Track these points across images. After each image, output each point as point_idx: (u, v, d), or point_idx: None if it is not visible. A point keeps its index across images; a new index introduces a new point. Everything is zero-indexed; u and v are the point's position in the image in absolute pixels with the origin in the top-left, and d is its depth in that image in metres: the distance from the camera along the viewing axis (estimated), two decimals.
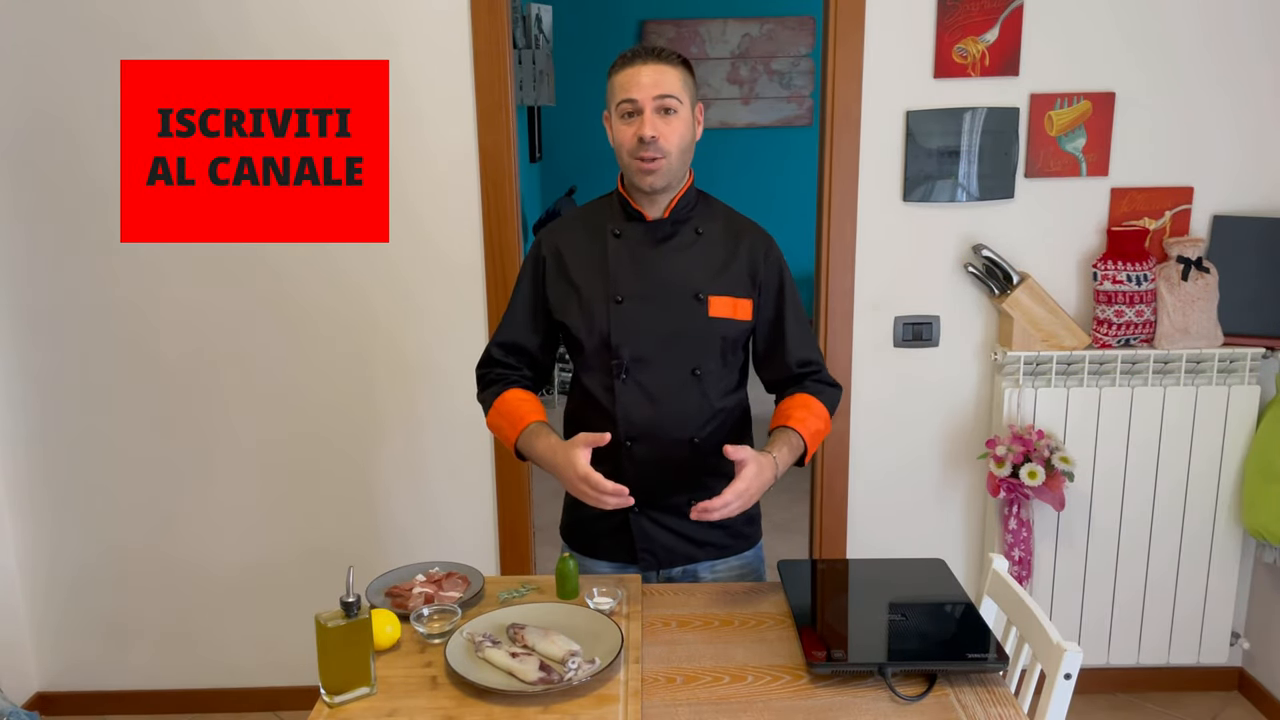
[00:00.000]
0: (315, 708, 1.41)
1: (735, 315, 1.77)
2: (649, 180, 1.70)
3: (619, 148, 1.72)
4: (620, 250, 1.76)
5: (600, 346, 1.75)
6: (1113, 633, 2.76)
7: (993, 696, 1.43)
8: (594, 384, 1.78)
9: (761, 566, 1.94)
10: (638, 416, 1.75)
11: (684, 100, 1.70)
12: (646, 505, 1.80)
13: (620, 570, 1.86)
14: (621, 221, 1.78)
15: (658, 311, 1.74)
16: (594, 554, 1.88)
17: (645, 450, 1.76)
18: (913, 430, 2.75)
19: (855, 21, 2.53)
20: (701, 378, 1.76)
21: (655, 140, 1.67)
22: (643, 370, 1.75)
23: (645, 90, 1.66)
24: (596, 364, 1.77)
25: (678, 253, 1.77)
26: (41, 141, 2.58)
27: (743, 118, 6.43)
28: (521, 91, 5.38)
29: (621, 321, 1.74)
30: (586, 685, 1.42)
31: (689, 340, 1.75)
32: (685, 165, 1.75)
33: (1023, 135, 2.58)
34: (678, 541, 1.82)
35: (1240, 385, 2.62)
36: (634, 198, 1.77)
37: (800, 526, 4.03)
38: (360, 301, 2.66)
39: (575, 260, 1.79)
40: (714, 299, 1.75)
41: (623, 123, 1.70)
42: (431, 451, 2.75)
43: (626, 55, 1.71)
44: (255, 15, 2.51)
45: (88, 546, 2.80)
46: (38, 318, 2.68)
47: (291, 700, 2.89)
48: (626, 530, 1.82)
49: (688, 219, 1.79)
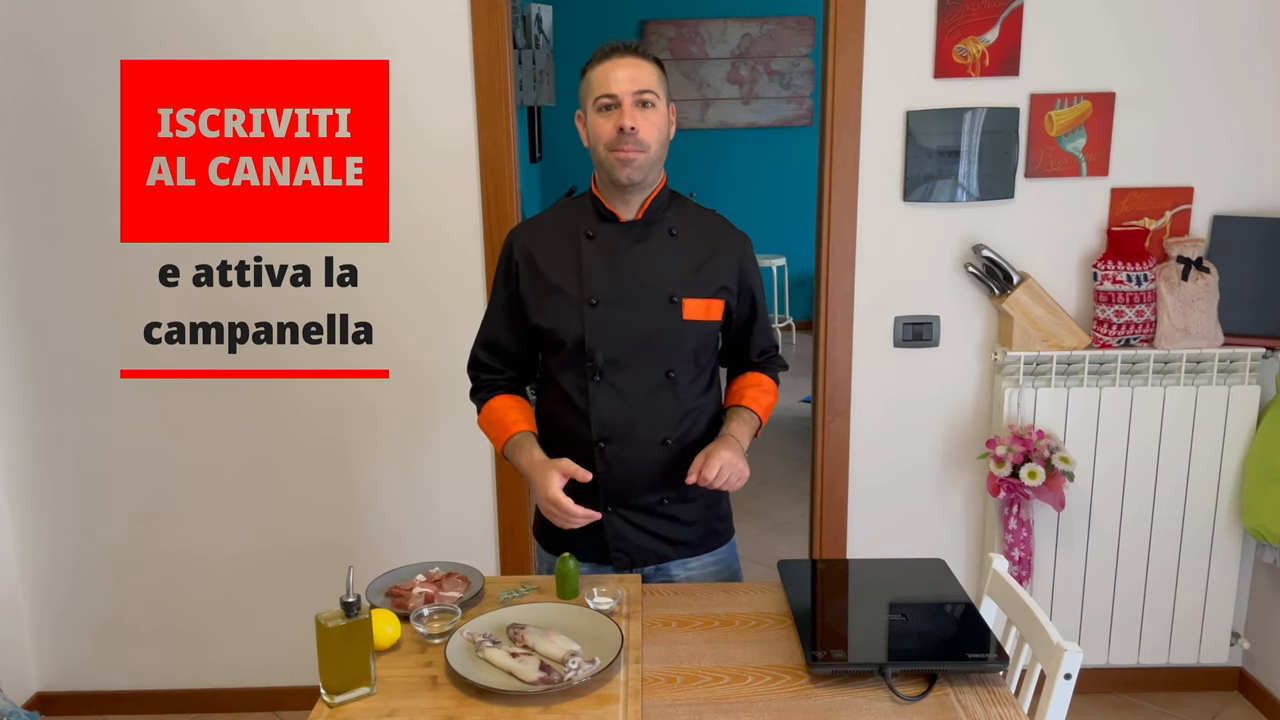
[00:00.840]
0: (315, 708, 1.41)
1: (708, 317, 1.78)
2: (626, 172, 1.69)
3: (595, 143, 1.71)
4: (594, 252, 1.75)
5: (574, 349, 1.75)
6: (1113, 633, 2.76)
7: (993, 696, 1.43)
8: (567, 384, 1.78)
9: (736, 563, 1.94)
10: (611, 418, 1.75)
11: (660, 97, 1.71)
12: (619, 505, 1.80)
13: (595, 571, 1.85)
14: (595, 223, 1.77)
15: (632, 314, 1.74)
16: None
17: (618, 451, 1.76)
18: (913, 430, 2.75)
19: (855, 21, 2.53)
20: (675, 380, 1.76)
21: (635, 132, 1.66)
22: (617, 373, 1.75)
23: (624, 85, 1.67)
24: (570, 365, 1.77)
25: (652, 255, 1.76)
26: (41, 141, 2.58)
27: (743, 118, 6.44)
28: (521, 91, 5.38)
29: (596, 324, 1.73)
30: (586, 685, 1.42)
31: (663, 343, 1.75)
32: (661, 161, 1.75)
33: (1023, 135, 2.58)
34: (650, 540, 1.82)
35: (1240, 385, 2.62)
36: (607, 198, 1.76)
37: (800, 526, 4.03)
38: (360, 301, 2.65)
39: (548, 262, 1.78)
40: (688, 302, 1.75)
41: (600, 116, 1.69)
42: (432, 452, 2.75)
43: (602, 51, 1.72)
44: (254, 15, 2.51)
45: (87, 546, 2.80)
46: (38, 318, 2.68)
47: (291, 700, 2.89)
48: (599, 530, 1.81)
49: (661, 220, 1.78)
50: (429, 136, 2.57)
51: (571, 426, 1.78)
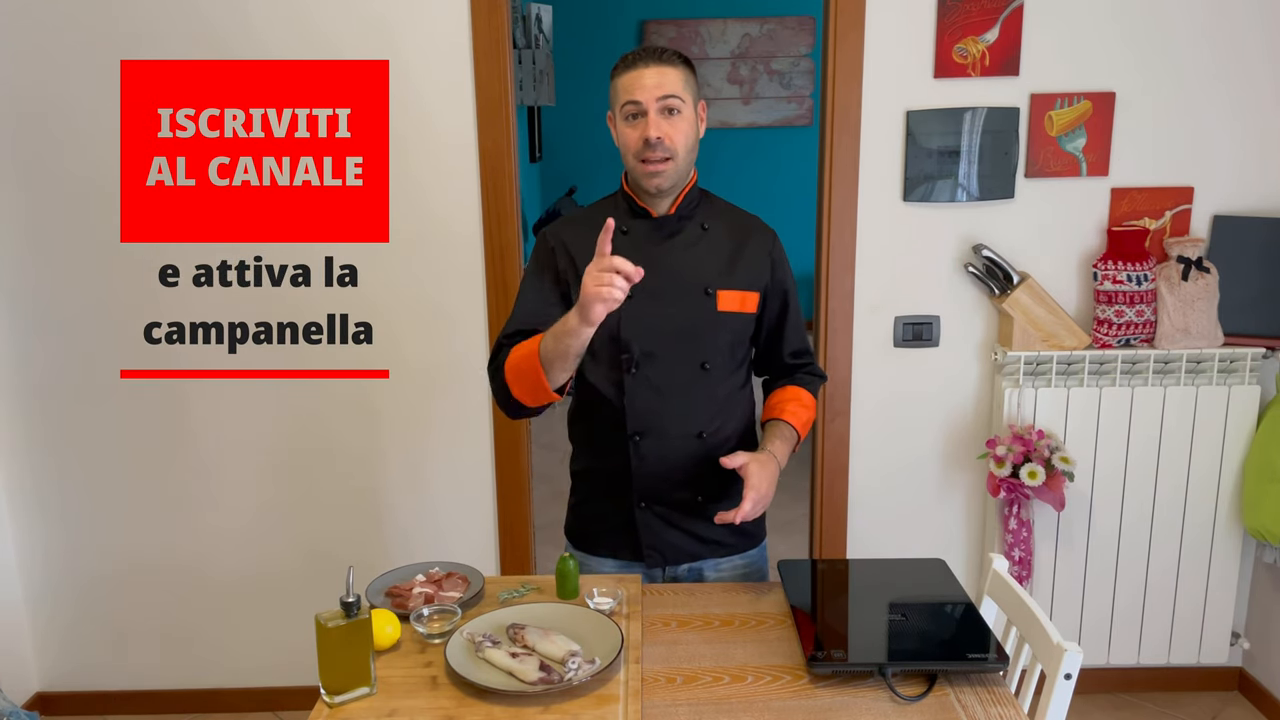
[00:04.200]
0: (315, 708, 1.41)
1: (743, 309, 1.79)
2: (655, 183, 1.71)
3: (624, 150, 1.73)
4: (627, 246, 1.76)
5: (608, 341, 1.75)
6: (1113, 633, 2.76)
7: (993, 696, 1.43)
8: (600, 379, 1.79)
9: (765, 565, 1.95)
10: (645, 411, 1.76)
11: (687, 100, 1.71)
12: (653, 501, 1.80)
13: (625, 568, 1.86)
14: (628, 219, 1.79)
15: (667, 306, 1.75)
16: (598, 551, 1.88)
17: (652, 445, 1.77)
18: (913, 430, 2.75)
19: (855, 21, 2.53)
20: (710, 372, 1.77)
21: (661, 141, 1.68)
22: (651, 365, 1.75)
23: (649, 92, 1.67)
24: (604, 359, 1.78)
25: (685, 248, 1.78)
26: (42, 141, 2.58)
27: (743, 118, 6.43)
28: (521, 91, 5.38)
29: (631, 317, 1.74)
30: (586, 685, 1.42)
31: (698, 334, 1.76)
32: (691, 164, 1.76)
33: (1023, 135, 2.58)
34: (684, 539, 1.83)
35: (1240, 385, 2.62)
36: (639, 196, 1.78)
37: (800, 526, 4.03)
38: (360, 301, 2.65)
39: (582, 256, 1.78)
40: (722, 293, 1.76)
41: (627, 125, 1.71)
42: (432, 452, 2.74)
43: (629, 58, 1.72)
44: (255, 14, 2.51)
45: (88, 546, 2.80)
46: (38, 318, 2.68)
47: (291, 700, 2.89)
48: (632, 528, 1.82)
49: (693, 215, 1.80)
50: (429, 136, 2.57)
51: (606, 421, 1.78)
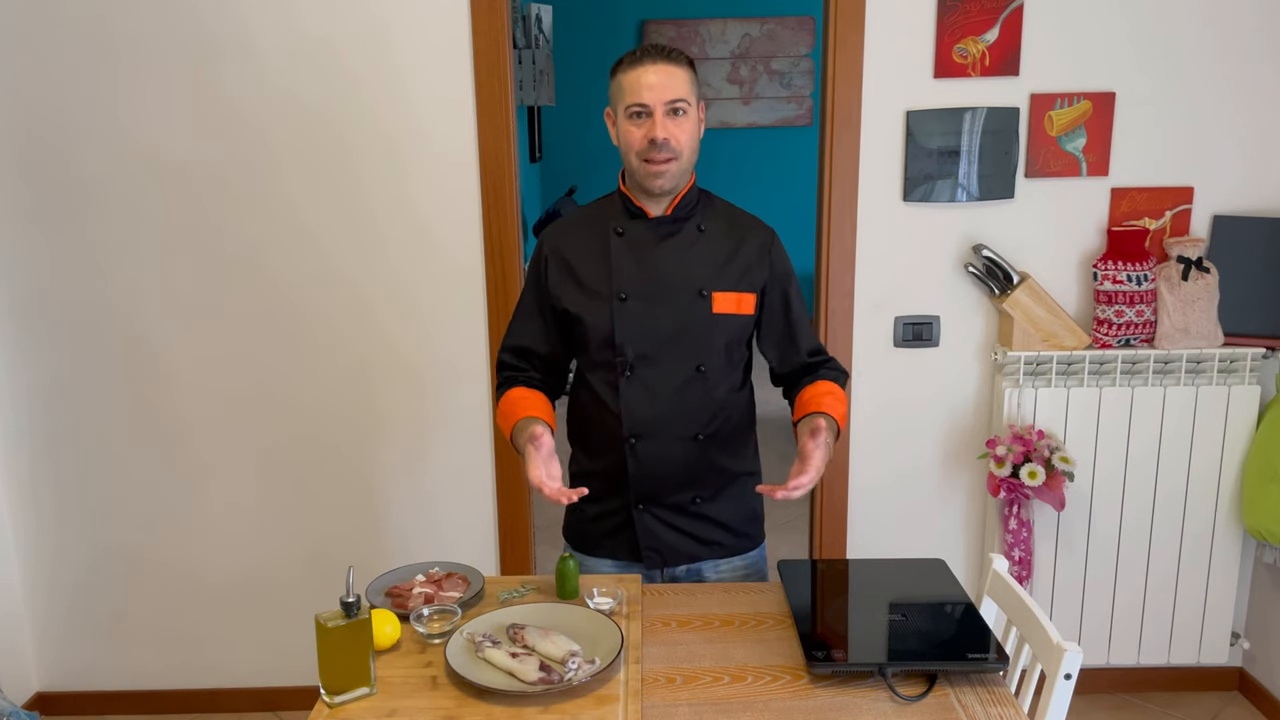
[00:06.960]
0: (315, 708, 1.41)
1: (739, 311, 1.77)
2: (658, 183, 1.71)
3: (626, 149, 1.72)
4: (623, 248, 1.76)
5: (604, 344, 1.76)
6: (1113, 633, 2.76)
7: (993, 696, 1.43)
8: (597, 381, 1.79)
9: (765, 566, 1.94)
10: (642, 413, 1.76)
11: (692, 101, 1.71)
12: (650, 503, 1.80)
13: (624, 569, 1.86)
14: (624, 219, 1.78)
15: (661, 308, 1.74)
16: (596, 553, 1.88)
17: (648, 447, 1.77)
18: (913, 430, 2.75)
19: (855, 21, 2.53)
20: (705, 374, 1.76)
21: (668, 142, 1.67)
22: (647, 367, 1.75)
23: (656, 94, 1.66)
24: (600, 361, 1.78)
25: (681, 250, 1.77)
26: (41, 141, 2.58)
27: (743, 118, 6.44)
28: (521, 91, 5.38)
29: (625, 319, 1.74)
30: (586, 685, 1.42)
31: (693, 337, 1.75)
32: (692, 164, 1.75)
33: (1023, 135, 2.58)
34: (682, 540, 1.83)
35: (1240, 385, 2.62)
36: (636, 196, 1.77)
37: (800, 526, 4.04)
38: (360, 301, 2.65)
39: (578, 259, 1.79)
40: (717, 295, 1.75)
41: (630, 123, 1.69)
42: (432, 452, 2.75)
43: (633, 55, 1.70)
44: (251, 18, 2.51)
45: (88, 547, 2.80)
46: (37, 318, 2.68)
47: (291, 700, 2.89)
48: (629, 529, 1.82)
49: (690, 216, 1.79)
50: (429, 136, 2.57)
51: (603, 424, 1.78)
